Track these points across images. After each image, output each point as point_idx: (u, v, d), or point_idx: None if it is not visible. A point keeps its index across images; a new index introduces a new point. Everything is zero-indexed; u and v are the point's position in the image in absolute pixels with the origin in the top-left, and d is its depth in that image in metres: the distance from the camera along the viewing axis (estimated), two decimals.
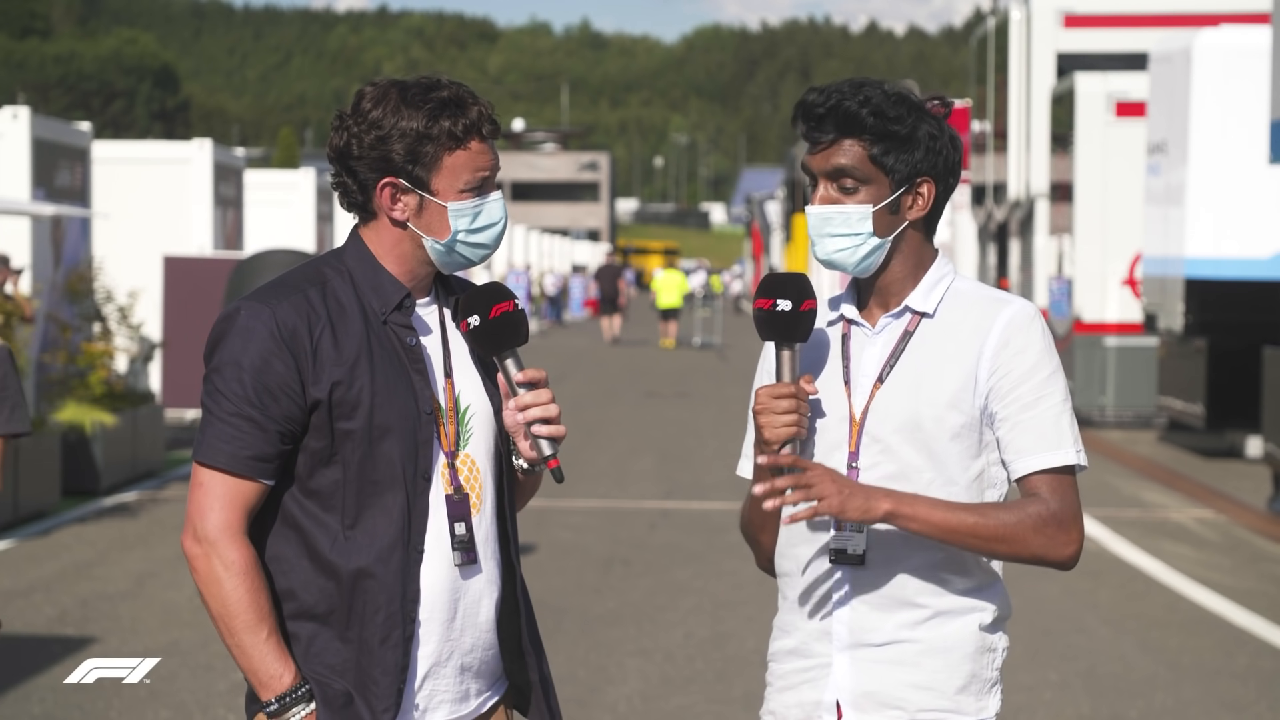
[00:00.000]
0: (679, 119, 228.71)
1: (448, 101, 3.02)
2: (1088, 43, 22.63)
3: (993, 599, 3.10)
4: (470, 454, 3.08)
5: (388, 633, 2.99)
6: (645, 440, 18.37)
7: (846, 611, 3.07)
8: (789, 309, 3.04)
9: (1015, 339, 3.04)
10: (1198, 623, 9.51)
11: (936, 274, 3.11)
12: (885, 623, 3.05)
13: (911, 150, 3.04)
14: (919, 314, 3.09)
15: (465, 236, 3.07)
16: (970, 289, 3.12)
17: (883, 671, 3.06)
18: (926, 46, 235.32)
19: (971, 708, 3.08)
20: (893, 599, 3.05)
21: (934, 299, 3.09)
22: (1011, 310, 3.06)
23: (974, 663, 3.08)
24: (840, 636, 3.07)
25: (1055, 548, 3.01)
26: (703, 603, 9.68)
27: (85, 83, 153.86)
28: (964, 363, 3.04)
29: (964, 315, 3.07)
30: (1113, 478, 15.73)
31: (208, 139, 20.13)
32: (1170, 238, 16.94)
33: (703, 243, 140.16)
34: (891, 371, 3.07)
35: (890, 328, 3.10)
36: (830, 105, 3.02)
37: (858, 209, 3.04)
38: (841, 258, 3.06)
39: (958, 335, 3.06)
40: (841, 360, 3.12)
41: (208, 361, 3.01)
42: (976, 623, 3.08)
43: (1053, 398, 3.04)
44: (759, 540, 3.26)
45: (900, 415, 3.04)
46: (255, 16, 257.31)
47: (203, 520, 2.97)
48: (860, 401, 3.08)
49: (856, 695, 3.07)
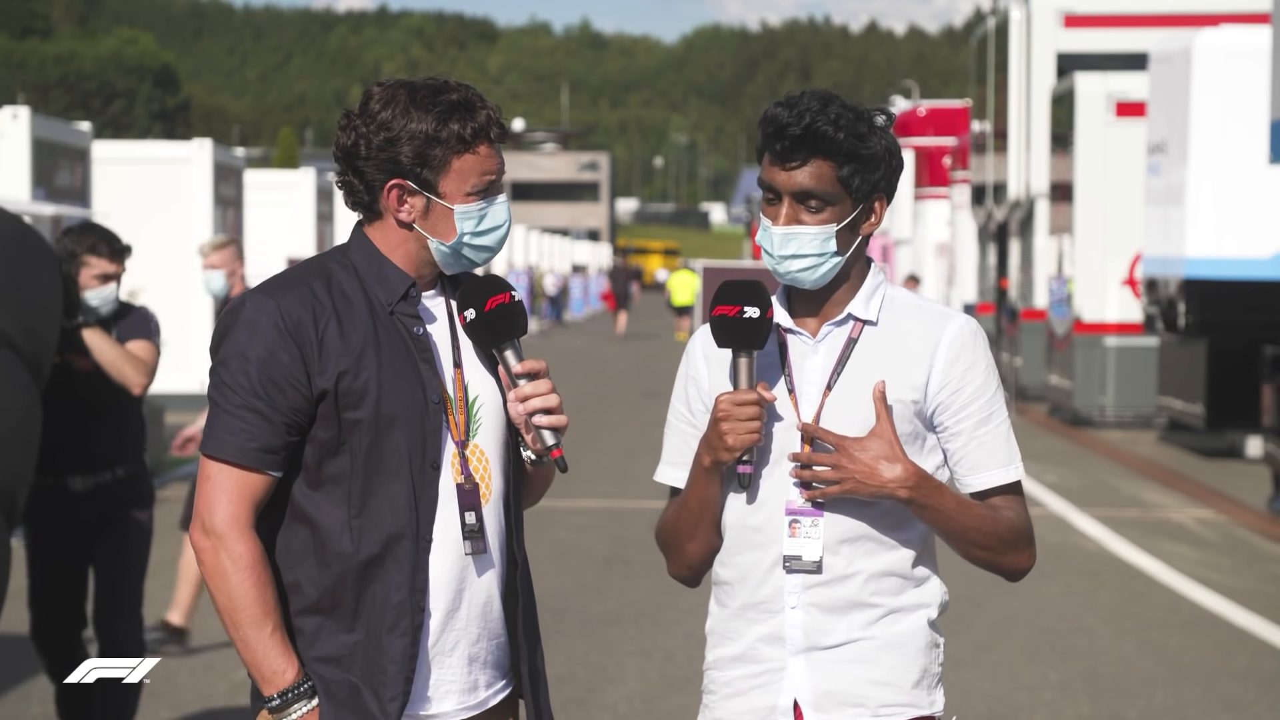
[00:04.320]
0: (679, 119, 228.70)
1: (457, 105, 3.02)
2: (1088, 43, 22.64)
3: (936, 594, 3.15)
4: (479, 444, 3.09)
5: (396, 621, 2.99)
6: (645, 440, 18.37)
7: (799, 615, 3.08)
8: (757, 316, 3.04)
9: (964, 355, 3.09)
10: (1198, 623, 9.51)
11: (873, 282, 3.15)
12: (838, 625, 3.08)
13: (874, 170, 3.06)
14: (862, 321, 3.11)
15: (471, 239, 3.08)
16: (905, 297, 3.16)
17: (841, 670, 3.08)
18: (926, 46, 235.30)
19: (925, 701, 3.12)
20: (846, 601, 3.07)
21: (875, 307, 3.12)
22: (958, 324, 3.11)
23: (925, 657, 3.12)
24: (794, 640, 3.09)
25: (1024, 558, 3.14)
26: (703, 603, 9.64)
27: (85, 83, 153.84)
28: (913, 372, 3.08)
29: (909, 325, 3.11)
30: (1113, 478, 15.73)
31: (208, 139, 20.14)
32: (1170, 238, 16.94)
33: (702, 243, 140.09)
34: (839, 378, 3.09)
35: (833, 335, 3.12)
36: (805, 125, 3.02)
37: (822, 230, 3.06)
38: (803, 276, 3.08)
39: (906, 344, 3.10)
40: (781, 368, 3.13)
41: (213, 354, 3.02)
42: (925, 618, 3.12)
43: (1000, 414, 3.12)
44: (683, 548, 3.24)
45: (852, 422, 3.06)
46: (255, 16, 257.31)
47: (211, 513, 2.98)
48: (809, 409, 3.09)
49: (817, 696, 3.08)
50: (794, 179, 3.04)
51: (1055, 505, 13.67)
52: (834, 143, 3.02)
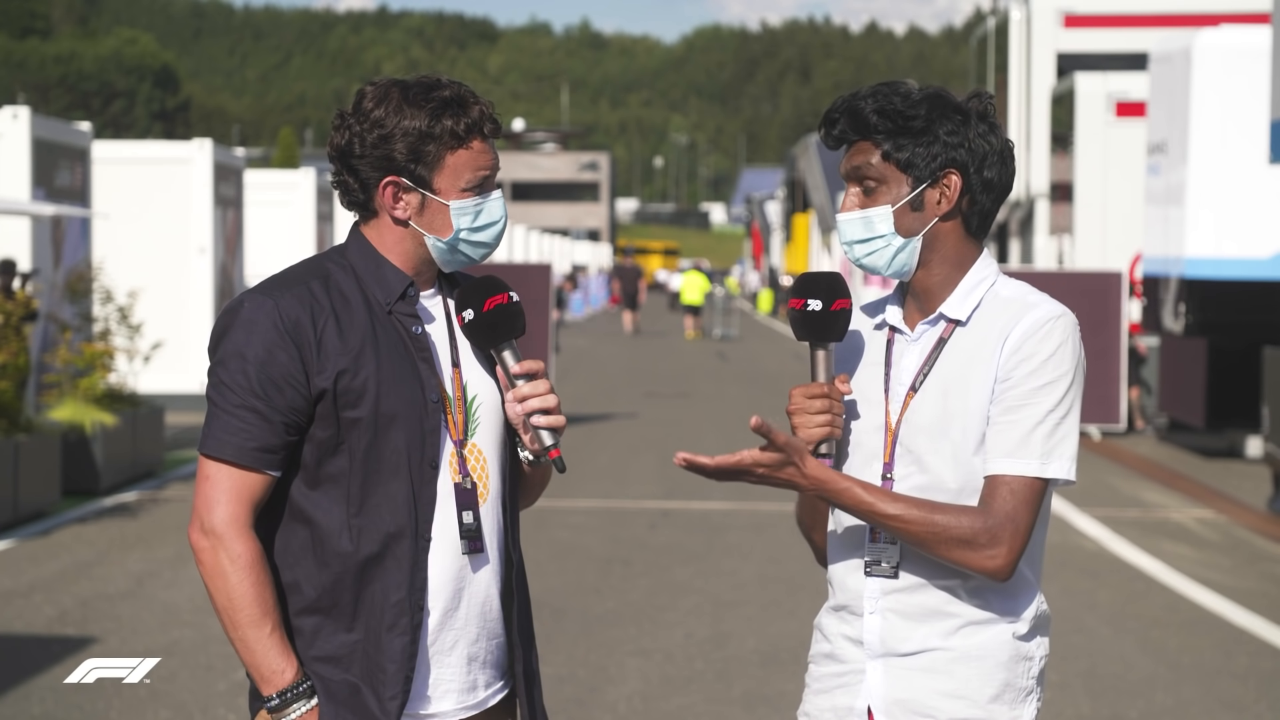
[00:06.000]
0: (679, 119, 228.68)
1: (450, 101, 3.03)
2: (1088, 43, 22.65)
3: (1027, 607, 3.05)
4: (477, 443, 3.09)
5: (395, 620, 3.00)
6: (645, 440, 18.37)
7: (877, 620, 3.05)
8: (819, 309, 3.01)
9: (1026, 344, 2.96)
10: (1198, 623, 9.51)
11: (975, 277, 3.05)
12: (915, 632, 3.03)
13: (928, 144, 2.99)
14: (953, 321, 3.04)
15: (467, 235, 3.08)
16: (1010, 292, 3.04)
17: (914, 679, 3.03)
18: (926, 46, 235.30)
19: (1004, 716, 3.04)
20: (924, 609, 3.02)
21: (969, 305, 3.03)
22: (1034, 314, 2.98)
23: (1008, 671, 3.03)
24: (871, 645, 3.05)
25: (976, 560, 2.93)
26: (703, 603, 9.68)
27: (85, 83, 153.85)
28: (985, 373, 2.99)
29: (994, 323, 3.01)
30: (1113, 478, 15.73)
31: (208, 139, 20.14)
32: (1170, 238, 16.94)
33: (703, 243, 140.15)
34: (925, 381, 3.03)
35: (927, 335, 3.06)
36: (843, 109, 3.02)
37: (876, 211, 3.02)
38: (871, 261, 3.04)
39: (986, 343, 3.01)
40: (883, 367, 3.08)
41: (212, 354, 3.03)
42: (1010, 631, 3.03)
43: (1038, 407, 2.95)
44: (811, 538, 3.23)
45: (930, 426, 3.00)
46: (255, 16, 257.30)
47: (210, 513, 2.98)
48: (895, 411, 3.04)
49: (888, 703, 3.04)
50: (847, 161, 3.04)
51: (1055, 505, 13.67)
52: (866, 121, 3.00)
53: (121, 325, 14.52)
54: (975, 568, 2.94)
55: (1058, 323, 2.97)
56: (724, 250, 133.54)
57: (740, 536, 11.99)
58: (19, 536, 11.66)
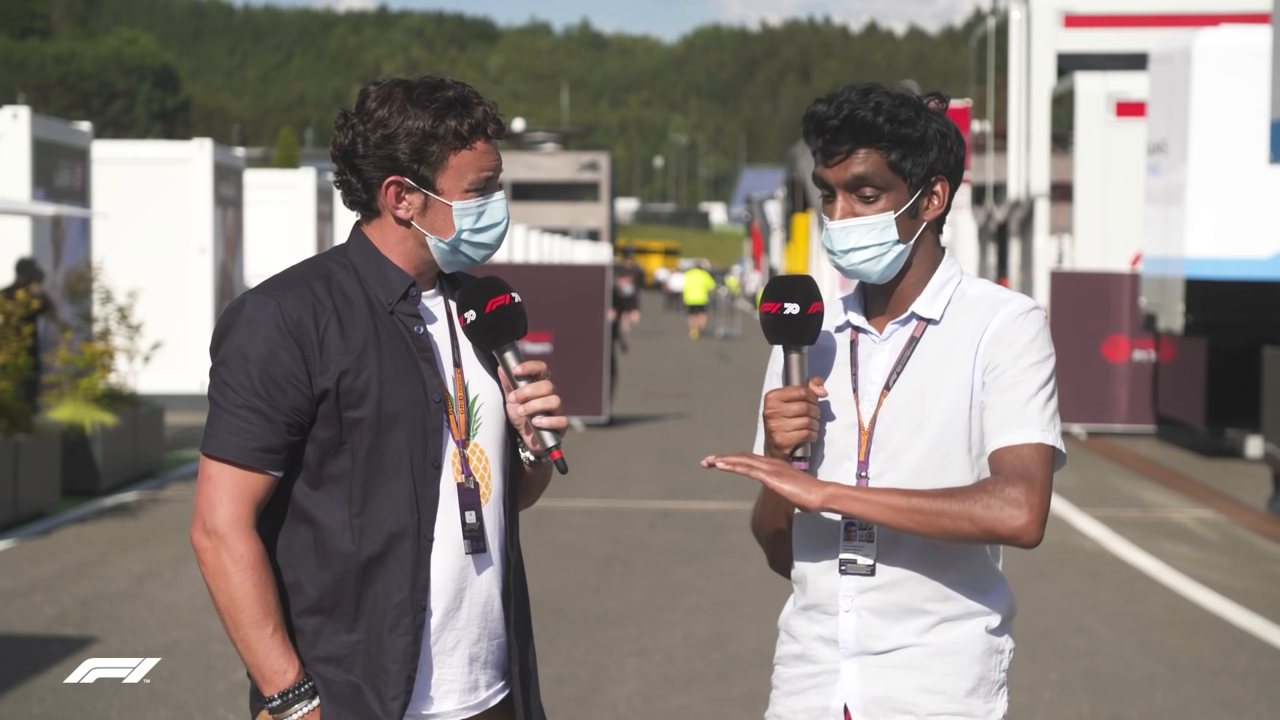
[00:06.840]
0: (679, 119, 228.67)
1: (454, 101, 3.03)
2: (1088, 43, 22.66)
3: (998, 601, 3.09)
4: (479, 443, 3.09)
5: (397, 621, 3.00)
6: (645, 440, 18.38)
7: (852, 619, 3.06)
8: (797, 312, 3.03)
9: (1006, 333, 3.02)
10: (1198, 623, 9.51)
11: (943, 276, 3.09)
12: (891, 630, 3.05)
13: (925, 152, 3.02)
14: (925, 320, 3.07)
15: (469, 236, 3.08)
16: (977, 291, 3.10)
17: (892, 677, 3.05)
18: (926, 46, 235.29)
19: (980, 710, 3.07)
20: (900, 607, 3.04)
21: (940, 304, 3.07)
22: (1008, 308, 3.04)
23: (982, 665, 3.06)
24: (846, 644, 3.07)
25: (1003, 518, 2.90)
26: (703, 603, 9.68)
27: (85, 83, 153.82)
28: (963, 367, 3.03)
29: (967, 320, 3.05)
30: (1113, 478, 15.73)
31: (208, 139, 20.15)
32: (1170, 238, 16.94)
33: (703, 243, 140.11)
34: (898, 379, 3.05)
35: (897, 334, 3.08)
36: (844, 116, 3.00)
37: (880, 218, 3.02)
38: (867, 268, 3.05)
39: (960, 340, 3.05)
40: (850, 367, 3.10)
41: (214, 354, 3.02)
42: (983, 625, 3.07)
43: (1027, 385, 2.99)
44: (768, 543, 3.24)
45: (907, 423, 3.03)
46: (255, 16, 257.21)
47: (212, 513, 2.98)
48: (868, 410, 3.06)
49: (866, 701, 3.06)
50: (844, 170, 3.02)
51: (1055, 505, 13.66)
52: (875, 128, 2.99)
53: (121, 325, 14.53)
54: (1003, 533, 2.92)
55: (1032, 314, 3.05)
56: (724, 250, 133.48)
57: (741, 536, 11.99)
58: (19, 536, 11.66)
